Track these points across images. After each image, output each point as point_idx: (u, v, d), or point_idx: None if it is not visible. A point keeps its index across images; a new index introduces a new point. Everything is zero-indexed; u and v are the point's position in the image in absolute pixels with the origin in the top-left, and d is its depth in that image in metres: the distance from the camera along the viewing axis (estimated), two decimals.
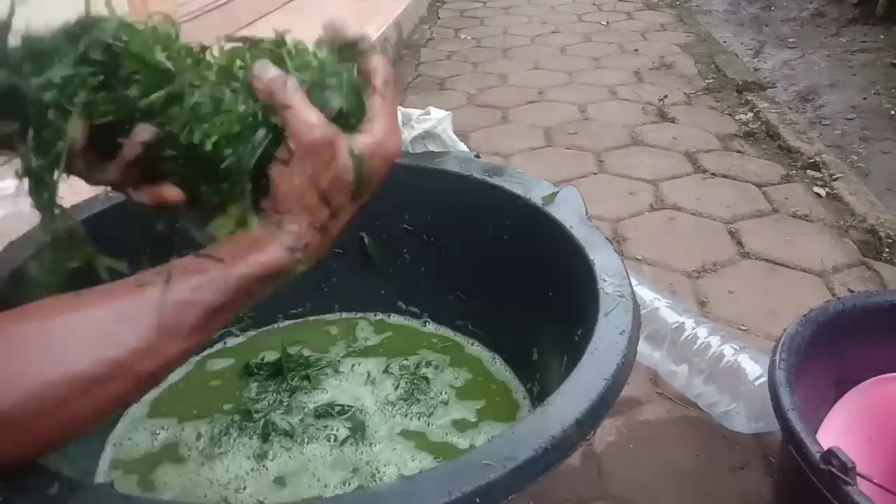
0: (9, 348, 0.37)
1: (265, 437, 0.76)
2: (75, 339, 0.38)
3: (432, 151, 0.90)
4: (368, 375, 0.86)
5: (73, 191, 0.46)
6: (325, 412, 0.80)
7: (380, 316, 0.96)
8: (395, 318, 0.96)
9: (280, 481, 0.71)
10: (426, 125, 0.88)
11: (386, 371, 0.86)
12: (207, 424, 0.78)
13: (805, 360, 0.80)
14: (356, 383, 0.85)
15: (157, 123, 0.41)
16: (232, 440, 0.76)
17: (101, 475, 0.73)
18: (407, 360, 0.88)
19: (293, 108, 0.42)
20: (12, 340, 0.38)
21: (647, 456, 0.99)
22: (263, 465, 0.73)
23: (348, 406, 0.80)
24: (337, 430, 0.77)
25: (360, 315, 0.97)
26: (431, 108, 0.92)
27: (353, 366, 0.87)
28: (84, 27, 0.40)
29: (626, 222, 1.61)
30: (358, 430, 0.77)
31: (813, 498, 0.65)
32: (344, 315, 0.97)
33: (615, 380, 0.54)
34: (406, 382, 0.84)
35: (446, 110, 0.93)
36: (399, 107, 1.19)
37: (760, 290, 1.36)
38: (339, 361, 0.88)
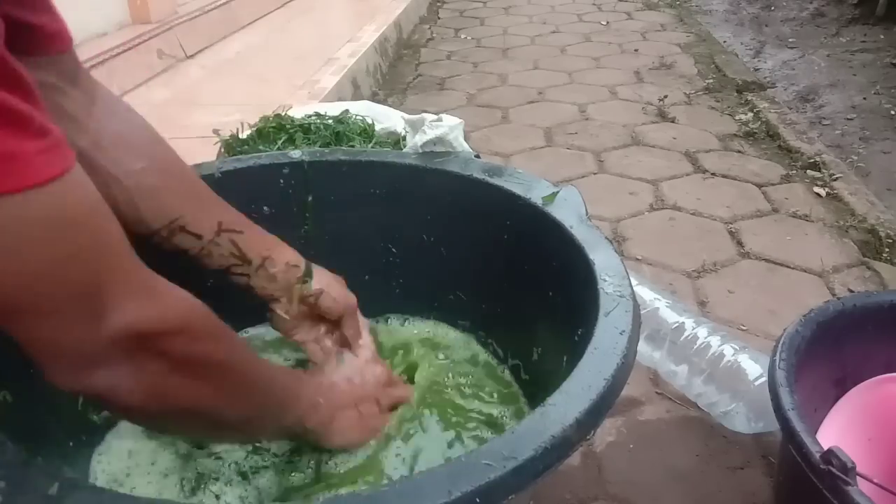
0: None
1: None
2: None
3: (433, 152, 0.90)
4: None
5: None
6: None
7: (379, 316, 0.96)
8: (394, 319, 0.96)
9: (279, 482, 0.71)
10: (438, 132, 0.88)
11: None
12: None
13: (805, 360, 0.80)
14: None
15: None
16: None
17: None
18: (406, 360, 0.88)
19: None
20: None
21: (647, 456, 0.99)
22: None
23: None
24: None
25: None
26: (444, 116, 0.92)
27: None
28: None
29: (626, 222, 1.61)
30: None
31: (813, 498, 0.65)
32: None
33: (615, 380, 0.54)
34: (405, 382, 0.84)
35: (446, 111, 0.93)
36: (403, 114, 1.19)
37: (760, 290, 1.36)
38: None
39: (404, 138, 1.15)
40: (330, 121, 1.21)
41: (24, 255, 0.39)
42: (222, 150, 1.20)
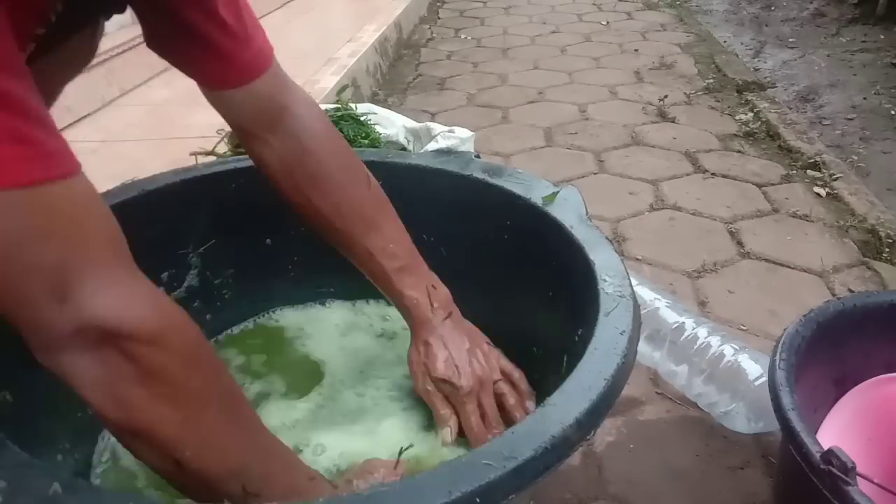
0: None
1: None
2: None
3: (433, 151, 0.90)
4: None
5: None
6: None
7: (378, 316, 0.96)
8: (393, 318, 0.96)
9: None
10: (450, 142, 0.89)
11: (386, 370, 0.86)
12: None
13: (805, 360, 0.80)
14: None
15: None
16: None
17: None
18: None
19: None
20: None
21: (647, 456, 0.99)
22: None
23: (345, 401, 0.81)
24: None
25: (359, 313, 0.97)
26: (456, 128, 0.93)
27: None
28: None
29: (626, 222, 1.61)
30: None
31: (813, 498, 0.65)
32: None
33: (615, 380, 0.54)
34: (405, 381, 0.84)
35: (446, 111, 0.94)
36: (406, 121, 1.19)
37: (760, 290, 1.36)
38: None
39: (405, 148, 1.15)
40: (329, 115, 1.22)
41: None
42: (225, 141, 1.20)
